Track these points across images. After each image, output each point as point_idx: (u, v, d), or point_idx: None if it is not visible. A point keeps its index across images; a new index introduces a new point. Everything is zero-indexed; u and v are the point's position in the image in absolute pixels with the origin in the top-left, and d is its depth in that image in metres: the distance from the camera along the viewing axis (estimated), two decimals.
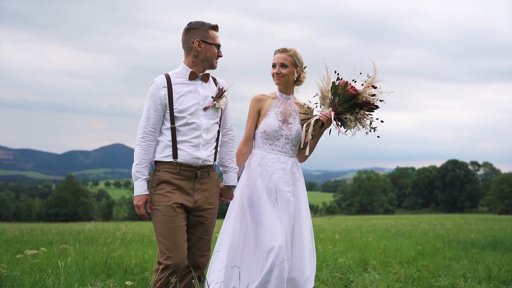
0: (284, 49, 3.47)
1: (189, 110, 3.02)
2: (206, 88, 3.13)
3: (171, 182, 2.99)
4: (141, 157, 3.00)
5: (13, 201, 75.39)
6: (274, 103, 3.49)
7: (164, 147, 3.03)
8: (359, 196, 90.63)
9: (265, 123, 3.44)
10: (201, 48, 3.06)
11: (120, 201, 78.76)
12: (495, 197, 76.35)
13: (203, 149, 3.05)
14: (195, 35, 3.07)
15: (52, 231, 13.67)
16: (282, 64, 3.44)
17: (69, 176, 75.30)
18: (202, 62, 3.10)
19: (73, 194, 68.91)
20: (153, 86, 3.05)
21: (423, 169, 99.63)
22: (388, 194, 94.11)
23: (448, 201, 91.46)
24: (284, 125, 3.44)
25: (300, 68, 3.49)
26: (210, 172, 3.11)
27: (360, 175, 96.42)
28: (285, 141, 3.44)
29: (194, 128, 3.03)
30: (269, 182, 3.35)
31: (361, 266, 5.69)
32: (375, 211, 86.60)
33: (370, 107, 3.39)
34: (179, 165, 2.99)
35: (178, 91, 3.04)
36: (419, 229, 15.22)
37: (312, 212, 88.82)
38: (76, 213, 65.01)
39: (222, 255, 3.28)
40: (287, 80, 3.48)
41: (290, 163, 3.45)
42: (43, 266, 4.57)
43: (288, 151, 3.46)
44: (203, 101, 3.07)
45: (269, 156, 3.42)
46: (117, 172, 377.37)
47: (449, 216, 44.81)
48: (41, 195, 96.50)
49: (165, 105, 3.01)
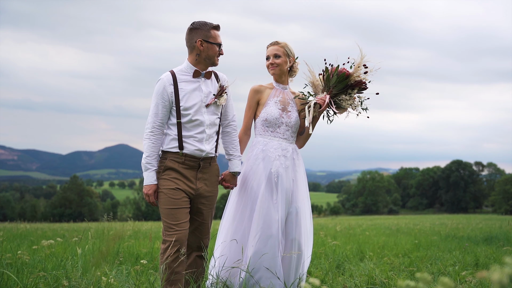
0: (276, 42, 3.71)
1: (193, 107, 3.27)
2: (209, 85, 3.38)
3: (176, 169, 3.26)
4: (150, 149, 3.25)
5: (18, 202, 75.79)
6: (273, 92, 3.70)
7: (171, 139, 3.29)
8: (363, 197, 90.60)
9: (266, 112, 3.64)
10: (203, 47, 3.29)
11: (125, 201, 79.09)
12: (499, 197, 76.19)
13: (206, 143, 3.31)
14: (197, 35, 3.30)
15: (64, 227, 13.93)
16: (275, 55, 3.67)
17: (73, 176, 75.65)
18: (204, 60, 3.33)
19: (78, 195, 69.25)
20: (160, 84, 3.29)
21: (427, 170, 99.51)
22: (392, 195, 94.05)
23: (452, 201, 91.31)
24: (284, 113, 3.65)
25: (292, 58, 3.71)
26: (211, 162, 3.38)
27: (364, 176, 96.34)
28: (286, 128, 3.66)
29: (198, 124, 3.29)
30: (271, 168, 3.55)
31: (358, 257, 5.91)
32: (379, 211, 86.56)
33: (362, 87, 3.62)
34: (184, 156, 3.26)
35: (183, 89, 3.28)
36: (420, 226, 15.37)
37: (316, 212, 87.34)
38: (80, 213, 65.31)
39: (223, 233, 3.59)
40: (281, 69, 3.69)
41: (290, 150, 3.66)
42: (60, 254, 4.79)
43: (288, 138, 3.67)
44: (206, 98, 3.32)
45: (272, 142, 3.63)
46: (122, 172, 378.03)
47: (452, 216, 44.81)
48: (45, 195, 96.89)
49: (171, 102, 3.26)
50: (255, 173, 3.57)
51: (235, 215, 3.58)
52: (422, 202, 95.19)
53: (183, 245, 3.19)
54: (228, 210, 3.64)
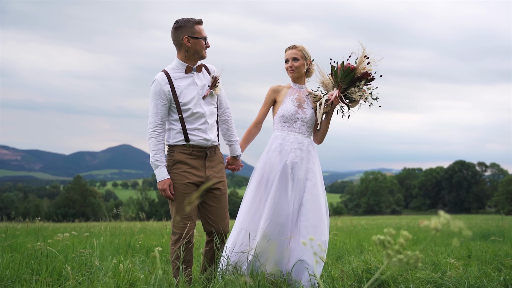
0: (294, 45, 3.99)
1: (192, 101, 3.48)
2: (201, 78, 3.60)
3: (185, 162, 3.48)
4: (156, 147, 3.46)
5: (22, 202, 76.12)
6: (290, 91, 4.00)
7: (176, 133, 3.50)
8: (366, 197, 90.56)
9: (283, 109, 3.93)
10: (191, 43, 3.48)
11: (128, 201, 79.35)
12: (502, 198, 76.09)
13: (209, 132, 3.55)
14: (183, 33, 3.48)
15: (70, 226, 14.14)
16: (294, 58, 3.96)
17: (77, 176, 76.01)
18: (193, 55, 3.53)
19: (81, 195, 69.57)
20: (156, 84, 3.47)
21: (430, 170, 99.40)
22: (395, 195, 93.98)
23: (455, 202, 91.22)
24: (300, 110, 3.94)
25: (309, 61, 4.01)
26: (216, 151, 3.63)
27: (367, 176, 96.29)
28: (301, 123, 3.94)
29: (199, 116, 3.51)
30: (287, 159, 3.82)
31: (358, 250, 6.11)
32: (382, 212, 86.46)
33: (368, 79, 3.88)
34: (191, 147, 3.49)
35: (179, 86, 3.49)
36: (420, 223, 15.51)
37: None
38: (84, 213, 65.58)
39: (238, 223, 3.80)
40: (299, 72, 3.98)
41: (306, 143, 3.93)
42: (77, 245, 5.00)
43: (304, 132, 3.95)
44: (201, 91, 3.55)
45: (288, 136, 3.91)
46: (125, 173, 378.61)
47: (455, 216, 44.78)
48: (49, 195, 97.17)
49: (170, 99, 3.47)
50: (271, 166, 3.82)
51: (252, 205, 3.78)
52: (425, 203, 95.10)
53: (192, 236, 3.41)
54: (244, 201, 3.86)
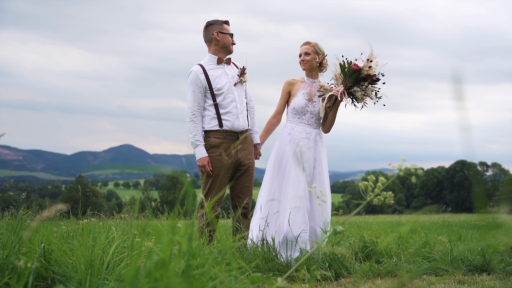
0: (308, 42, 4.36)
1: (224, 87, 3.99)
2: (231, 70, 4.12)
3: (220, 146, 3.95)
4: (196, 129, 3.95)
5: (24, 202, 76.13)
6: (302, 85, 4.34)
7: (211, 119, 3.98)
8: None
9: (295, 102, 4.28)
10: (220, 37, 4.04)
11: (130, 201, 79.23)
12: (504, 197, 76.08)
13: (240, 117, 4.04)
14: (213, 29, 4.06)
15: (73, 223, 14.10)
16: (306, 53, 4.31)
17: (79, 176, 76.08)
18: (222, 49, 4.07)
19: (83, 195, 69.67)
20: (192, 74, 3.98)
21: (432, 170, 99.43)
22: (397, 195, 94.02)
23: (456, 201, 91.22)
24: (310, 103, 4.28)
25: (321, 56, 4.33)
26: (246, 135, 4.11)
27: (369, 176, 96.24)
28: (310, 115, 4.28)
29: (231, 100, 4.00)
30: (296, 148, 4.19)
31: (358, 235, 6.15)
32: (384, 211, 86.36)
33: (373, 79, 4.10)
34: (224, 132, 3.98)
35: (213, 75, 3.99)
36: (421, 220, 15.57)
37: None
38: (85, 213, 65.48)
39: (259, 208, 4.14)
40: (311, 65, 4.32)
41: (314, 133, 4.29)
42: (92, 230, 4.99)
43: (312, 124, 4.30)
44: (232, 79, 4.06)
45: (297, 127, 4.27)
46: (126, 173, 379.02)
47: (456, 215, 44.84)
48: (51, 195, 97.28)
49: (205, 87, 3.96)
50: (284, 152, 4.20)
51: (272, 184, 4.15)
52: (427, 202, 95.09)
53: (218, 211, 3.81)
54: (264, 182, 4.21)
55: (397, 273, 3.57)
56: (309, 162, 4.18)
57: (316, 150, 4.25)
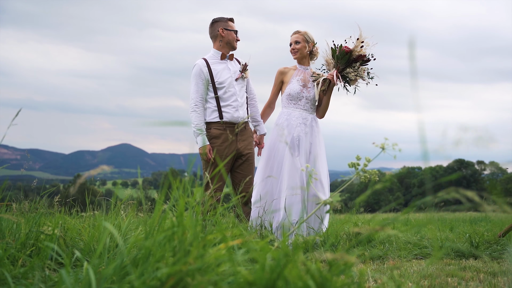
0: (298, 31, 4.49)
1: (226, 81, 4.16)
2: (233, 65, 4.29)
3: (220, 136, 4.12)
4: (198, 119, 4.12)
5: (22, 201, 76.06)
6: (296, 72, 4.48)
7: (212, 111, 4.16)
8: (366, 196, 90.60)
9: (290, 88, 4.41)
10: (225, 34, 4.22)
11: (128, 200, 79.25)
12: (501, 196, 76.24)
13: (240, 110, 4.20)
14: (219, 25, 4.24)
15: None
16: (296, 41, 4.45)
17: (77, 175, 75.97)
18: (226, 44, 4.25)
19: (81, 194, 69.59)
20: (196, 67, 4.16)
21: (430, 169, 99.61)
22: (395, 194, 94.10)
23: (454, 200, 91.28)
24: (304, 89, 4.42)
25: (311, 44, 4.46)
26: (246, 126, 4.30)
27: None
28: (306, 101, 4.43)
29: (232, 94, 4.17)
30: (293, 133, 4.33)
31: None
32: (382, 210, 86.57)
33: (364, 60, 4.26)
34: (224, 123, 4.14)
35: (215, 69, 4.17)
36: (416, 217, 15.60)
37: None
38: None
39: (257, 186, 4.33)
40: (301, 53, 4.46)
41: (310, 118, 4.44)
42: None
43: (308, 109, 4.45)
44: (234, 74, 4.24)
45: (294, 113, 4.41)
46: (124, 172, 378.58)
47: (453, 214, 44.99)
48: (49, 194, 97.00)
49: (207, 80, 4.13)
50: (281, 137, 4.34)
51: (265, 169, 4.32)
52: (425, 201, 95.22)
53: (220, 197, 3.91)
54: (260, 166, 4.40)
55: (389, 257, 3.71)
56: (305, 147, 4.29)
57: (312, 135, 4.38)
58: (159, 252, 1.42)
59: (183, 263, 1.31)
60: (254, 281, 1.24)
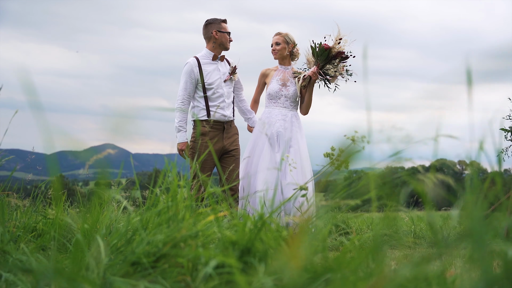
0: (278, 32, 4.65)
1: (215, 83, 4.31)
2: (223, 66, 4.44)
3: (207, 133, 4.31)
4: (182, 115, 4.29)
5: None
6: (276, 73, 4.69)
7: (200, 110, 4.34)
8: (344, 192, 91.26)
9: (269, 88, 4.65)
10: (218, 36, 4.34)
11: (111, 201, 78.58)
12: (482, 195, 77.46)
13: (226, 109, 4.37)
14: (212, 27, 4.36)
15: None
16: (276, 42, 4.63)
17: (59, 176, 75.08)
18: (219, 46, 4.38)
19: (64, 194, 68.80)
20: (188, 66, 4.29)
21: (412, 169, 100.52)
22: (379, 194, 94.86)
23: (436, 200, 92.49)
24: (283, 88, 4.61)
25: (291, 45, 4.63)
26: (231, 124, 4.49)
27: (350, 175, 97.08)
28: (285, 99, 4.62)
29: (220, 95, 4.33)
30: (273, 129, 4.54)
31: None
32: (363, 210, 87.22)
33: (343, 57, 4.43)
34: (212, 122, 4.32)
35: (206, 70, 4.31)
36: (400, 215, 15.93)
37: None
38: None
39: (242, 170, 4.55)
40: (281, 54, 4.64)
41: (289, 115, 4.63)
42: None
43: (288, 106, 4.64)
44: (223, 76, 4.38)
45: (274, 111, 4.63)
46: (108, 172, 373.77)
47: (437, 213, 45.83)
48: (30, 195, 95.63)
49: (197, 80, 4.28)
50: (261, 133, 4.55)
51: (248, 163, 4.52)
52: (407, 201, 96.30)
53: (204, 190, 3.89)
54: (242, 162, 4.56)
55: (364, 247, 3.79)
56: (285, 141, 4.51)
57: (292, 130, 4.56)
58: (156, 221, 1.62)
59: (177, 230, 1.51)
60: (237, 241, 1.48)
